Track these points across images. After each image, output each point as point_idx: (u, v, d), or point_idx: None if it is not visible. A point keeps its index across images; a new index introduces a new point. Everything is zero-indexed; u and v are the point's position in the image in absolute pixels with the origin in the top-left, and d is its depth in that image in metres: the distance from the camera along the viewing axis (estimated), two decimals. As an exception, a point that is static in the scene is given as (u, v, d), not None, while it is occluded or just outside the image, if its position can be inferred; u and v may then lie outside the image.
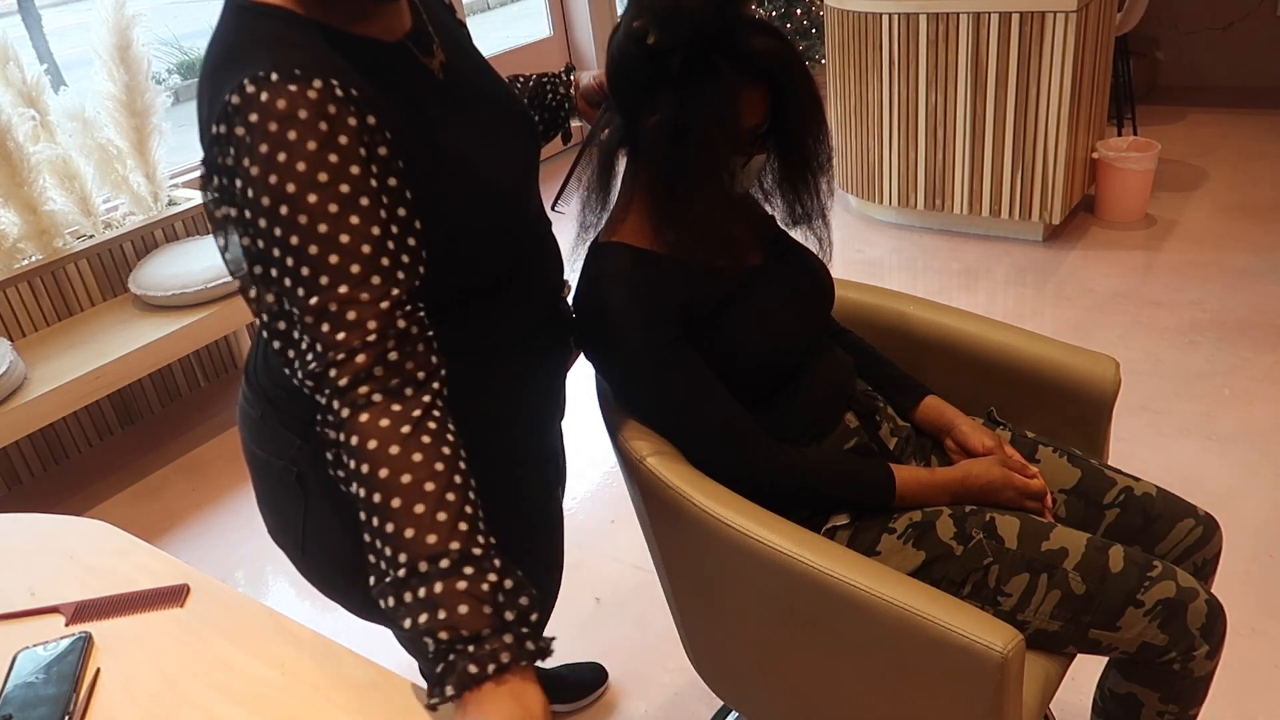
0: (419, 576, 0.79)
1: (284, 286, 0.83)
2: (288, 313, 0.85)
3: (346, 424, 0.81)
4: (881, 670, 1.11)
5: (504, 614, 0.79)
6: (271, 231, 0.82)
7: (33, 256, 2.80)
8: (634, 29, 1.09)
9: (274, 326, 0.88)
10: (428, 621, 0.77)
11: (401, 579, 0.79)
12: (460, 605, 0.78)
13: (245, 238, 0.86)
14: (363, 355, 0.82)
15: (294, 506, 1.11)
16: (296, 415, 1.03)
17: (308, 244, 0.81)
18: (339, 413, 0.82)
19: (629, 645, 1.98)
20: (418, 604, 0.78)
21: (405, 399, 0.83)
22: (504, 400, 1.15)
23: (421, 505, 0.80)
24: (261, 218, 0.82)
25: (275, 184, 0.81)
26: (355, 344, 0.82)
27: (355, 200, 0.83)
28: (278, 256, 0.83)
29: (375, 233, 0.83)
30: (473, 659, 0.77)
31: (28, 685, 0.95)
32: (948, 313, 1.52)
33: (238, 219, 0.85)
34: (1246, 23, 4.67)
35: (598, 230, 1.27)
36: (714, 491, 1.16)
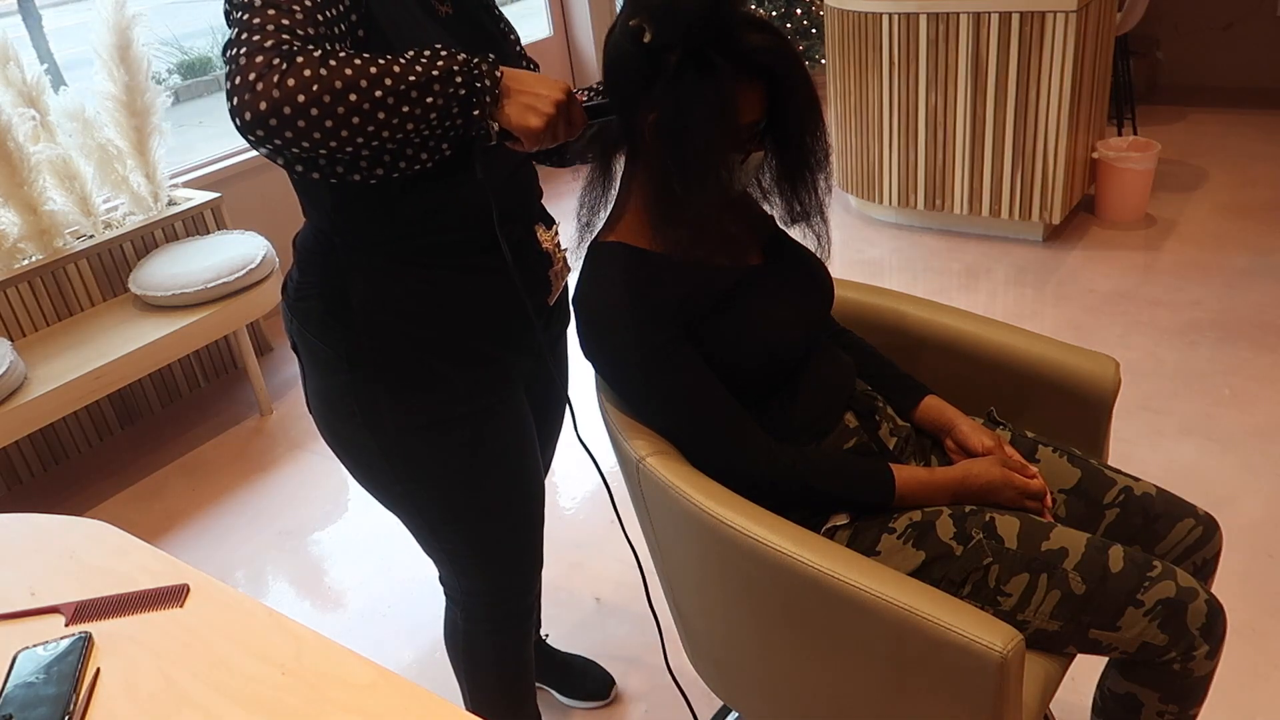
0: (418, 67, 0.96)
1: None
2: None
3: (291, 57, 0.92)
4: (881, 670, 1.11)
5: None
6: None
7: (33, 256, 2.81)
8: (630, 27, 1.09)
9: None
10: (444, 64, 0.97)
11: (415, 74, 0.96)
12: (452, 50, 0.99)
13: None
14: (285, 35, 0.94)
15: (343, 381, 1.22)
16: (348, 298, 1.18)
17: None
18: (272, 59, 0.92)
19: (629, 645, 1.98)
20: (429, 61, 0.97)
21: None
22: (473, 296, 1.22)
23: (386, 61, 0.95)
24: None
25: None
26: (282, 27, 0.95)
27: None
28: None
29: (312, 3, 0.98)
30: (485, 71, 1.00)
31: (28, 685, 0.95)
32: (947, 313, 1.52)
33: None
34: (1246, 23, 4.67)
35: (596, 230, 1.27)
36: (714, 491, 1.16)
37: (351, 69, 0.93)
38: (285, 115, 0.91)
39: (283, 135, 0.92)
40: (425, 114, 0.97)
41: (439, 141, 1.07)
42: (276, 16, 0.94)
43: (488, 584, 1.39)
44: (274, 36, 0.92)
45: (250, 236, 3.04)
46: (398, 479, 1.28)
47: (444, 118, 0.99)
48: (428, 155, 1.09)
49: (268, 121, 0.91)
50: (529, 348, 1.31)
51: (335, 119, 0.92)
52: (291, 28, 0.94)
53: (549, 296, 1.32)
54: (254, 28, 0.93)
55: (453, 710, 0.89)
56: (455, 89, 0.98)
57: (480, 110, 1.01)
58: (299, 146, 0.94)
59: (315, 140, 0.93)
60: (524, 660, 1.51)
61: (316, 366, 1.24)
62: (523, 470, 1.34)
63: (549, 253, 1.30)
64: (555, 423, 1.54)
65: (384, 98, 0.94)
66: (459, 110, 1.00)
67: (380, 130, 0.95)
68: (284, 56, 0.91)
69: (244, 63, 0.91)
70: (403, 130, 0.97)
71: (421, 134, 0.99)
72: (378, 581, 2.27)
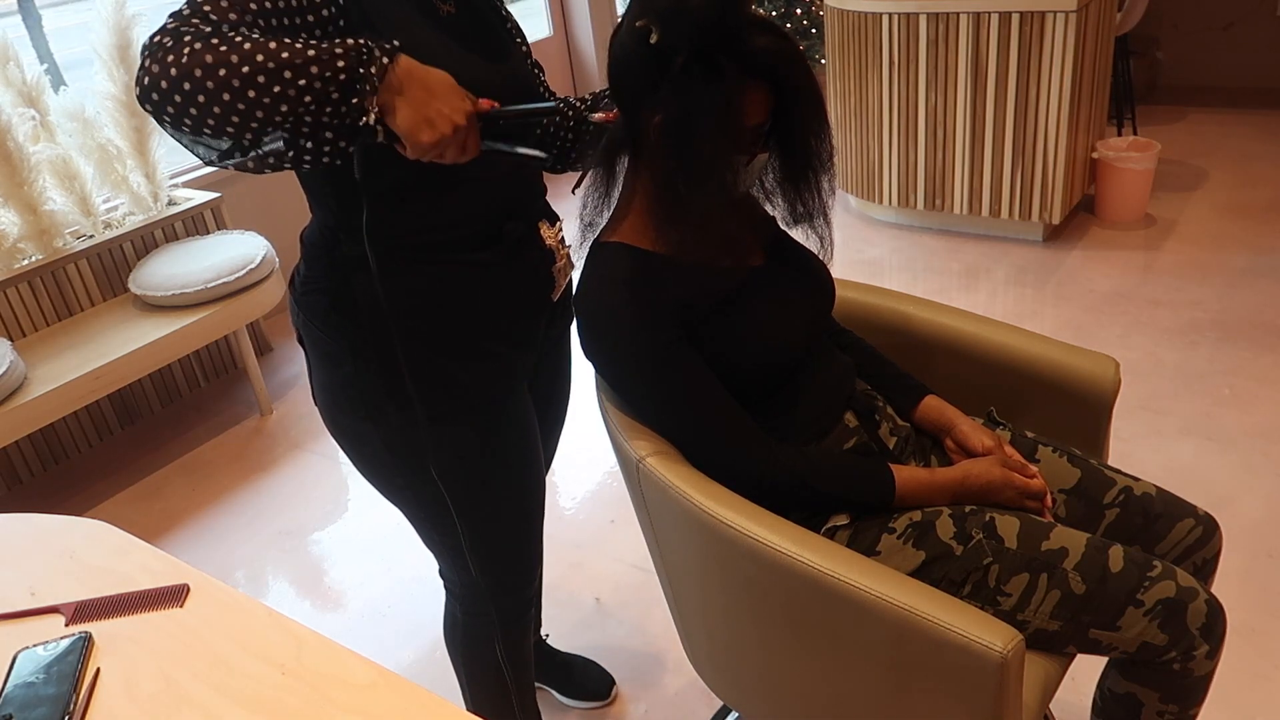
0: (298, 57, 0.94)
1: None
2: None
3: (195, 33, 0.93)
4: (881, 670, 1.11)
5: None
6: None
7: (33, 256, 2.80)
8: (637, 28, 1.09)
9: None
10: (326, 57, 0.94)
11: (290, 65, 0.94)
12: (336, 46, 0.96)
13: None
14: (195, 19, 0.95)
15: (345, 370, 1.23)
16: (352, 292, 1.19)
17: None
18: (179, 31, 0.93)
19: (629, 645, 1.98)
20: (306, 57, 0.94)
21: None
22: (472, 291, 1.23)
23: (275, 41, 0.94)
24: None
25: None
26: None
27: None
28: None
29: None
30: (372, 59, 0.96)
31: (28, 685, 0.95)
32: (948, 313, 1.52)
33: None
34: (1246, 23, 4.67)
35: (599, 230, 1.27)
36: (714, 491, 1.16)
37: (228, 45, 0.92)
38: (163, 90, 0.93)
39: (166, 111, 0.94)
40: (300, 95, 0.94)
41: (322, 129, 1.00)
42: (201, 5, 0.97)
43: (488, 578, 1.40)
44: (184, 21, 0.95)
45: (250, 236, 3.04)
46: (400, 472, 1.28)
47: (321, 101, 0.95)
48: (315, 145, 1.02)
49: (150, 96, 0.93)
50: (531, 344, 1.32)
51: (207, 94, 0.92)
52: (209, 14, 0.96)
53: (552, 293, 1.32)
54: (176, 15, 0.96)
55: (453, 710, 0.89)
56: (335, 72, 0.94)
57: (358, 98, 0.96)
58: (186, 121, 0.94)
59: (194, 115, 0.94)
60: (523, 656, 1.51)
61: (321, 359, 1.25)
62: (524, 466, 1.34)
63: (552, 249, 1.30)
64: (557, 419, 1.55)
65: (253, 74, 0.92)
66: (338, 95, 0.96)
67: (253, 109, 0.93)
68: (174, 35, 0.94)
69: (147, 40, 0.95)
70: (277, 111, 0.94)
71: (300, 117, 0.96)
72: (378, 581, 2.27)
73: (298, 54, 0.93)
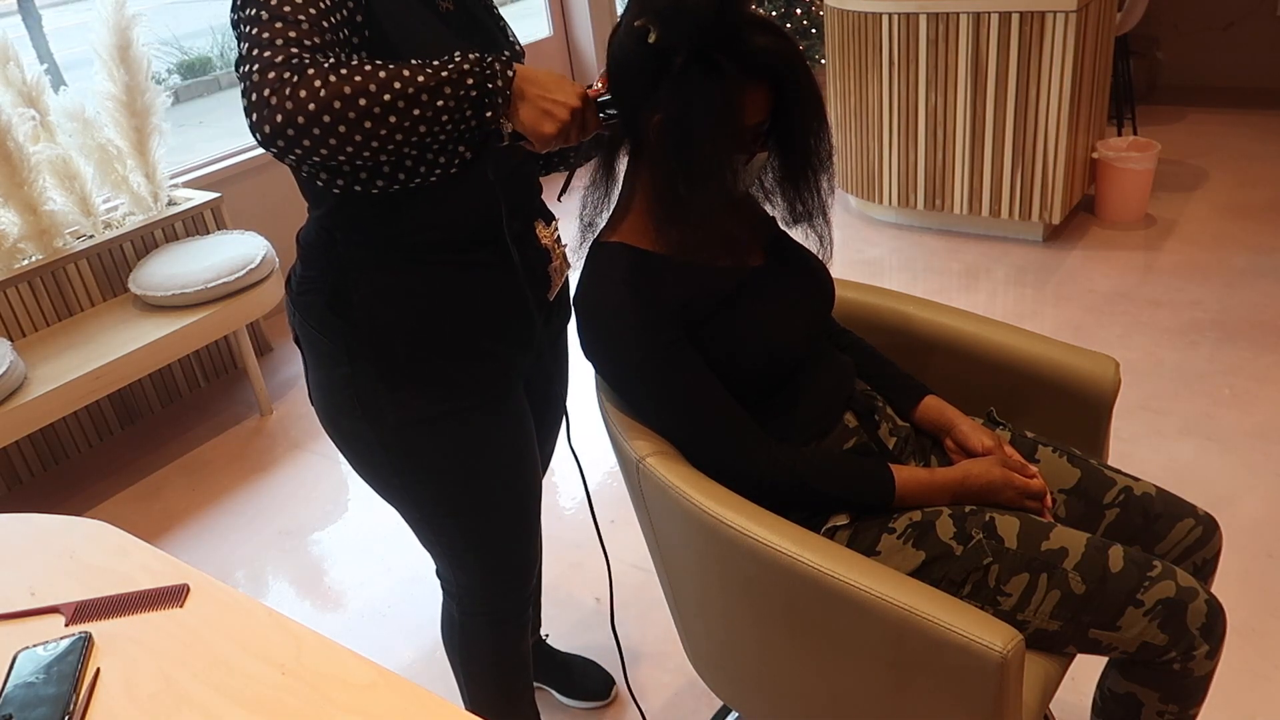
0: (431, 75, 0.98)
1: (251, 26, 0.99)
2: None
3: (304, 70, 0.95)
4: (881, 670, 1.11)
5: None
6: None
7: (33, 256, 2.81)
8: (636, 28, 1.09)
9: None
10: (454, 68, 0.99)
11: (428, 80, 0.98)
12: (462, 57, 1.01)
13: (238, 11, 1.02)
14: (294, 48, 0.97)
15: (342, 373, 1.24)
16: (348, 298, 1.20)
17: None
18: (290, 77, 0.94)
19: (629, 645, 1.98)
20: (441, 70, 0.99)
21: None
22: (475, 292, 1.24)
23: (396, 65, 0.98)
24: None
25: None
26: (291, 40, 0.98)
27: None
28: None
29: (317, 11, 1.00)
30: (499, 71, 1.01)
31: (28, 685, 0.95)
32: (948, 313, 1.52)
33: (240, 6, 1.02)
34: (1246, 23, 4.67)
35: (599, 230, 1.27)
36: (714, 491, 1.16)
37: (361, 75, 0.95)
38: (300, 125, 0.93)
39: (301, 145, 0.95)
40: (437, 116, 0.98)
41: (455, 143, 1.08)
42: (284, 30, 0.97)
43: (484, 578, 1.40)
44: (283, 51, 0.95)
45: (250, 236, 3.04)
46: (396, 471, 1.28)
47: (456, 119, 1.00)
48: (446, 159, 1.11)
49: (285, 133, 0.94)
50: (528, 344, 1.32)
51: (348, 124, 0.94)
52: (299, 39, 0.97)
53: (548, 292, 1.33)
54: (263, 43, 0.96)
55: (453, 710, 0.89)
56: (466, 90, 0.99)
57: (493, 111, 1.01)
58: (318, 155, 0.96)
59: (332, 147, 0.95)
60: (520, 656, 1.51)
61: (318, 359, 1.26)
62: (520, 466, 1.34)
63: (548, 248, 1.31)
64: (555, 420, 1.55)
65: (394, 100, 0.95)
66: (471, 112, 1.00)
67: (394, 134, 0.97)
68: (294, 69, 0.94)
69: (257, 79, 0.94)
70: (415, 133, 0.98)
71: (436, 136, 1.00)
72: (378, 581, 2.27)
73: (430, 76, 0.97)
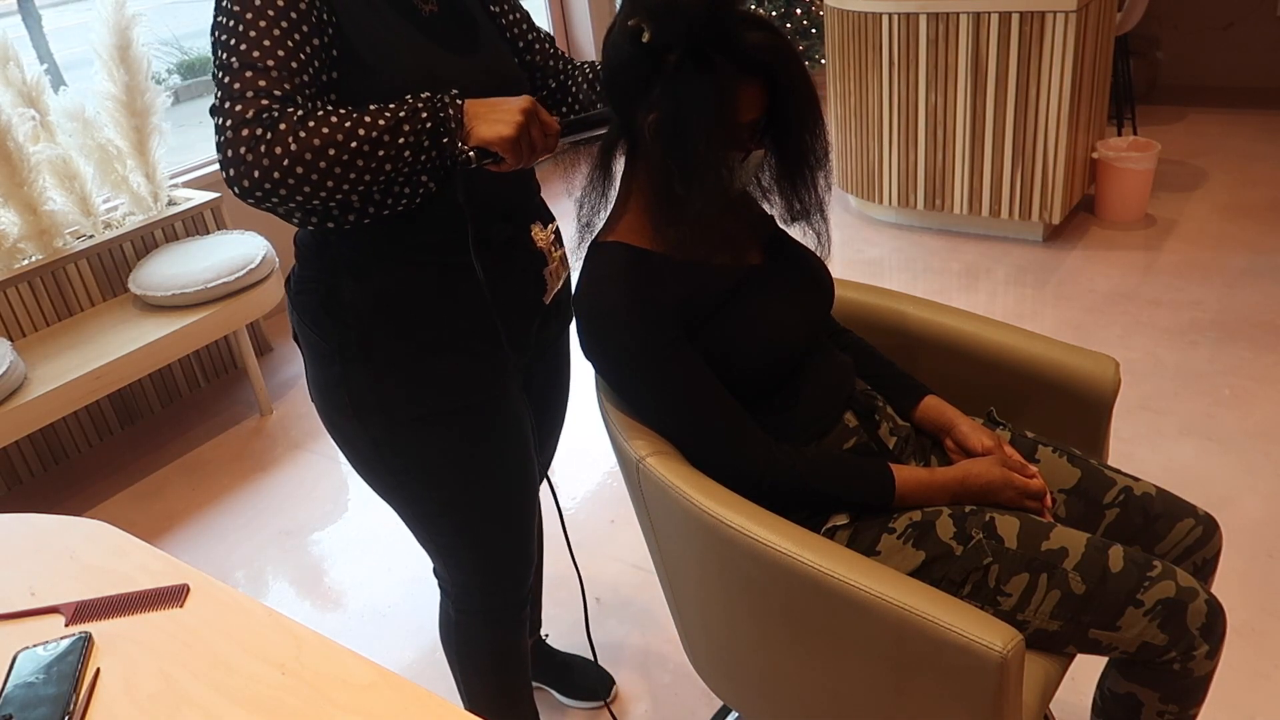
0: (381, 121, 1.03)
1: (222, 60, 1.04)
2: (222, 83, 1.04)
3: (278, 125, 0.99)
4: (881, 670, 1.11)
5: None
6: (224, 27, 1.05)
7: (33, 256, 2.81)
8: (629, 27, 1.09)
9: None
10: (406, 115, 1.03)
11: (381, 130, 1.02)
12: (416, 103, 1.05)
13: (213, 37, 1.07)
14: (264, 99, 1.01)
15: (337, 374, 1.25)
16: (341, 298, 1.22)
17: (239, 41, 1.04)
18: (258, 131, 0.99)
19: (629, 645, 1.98)
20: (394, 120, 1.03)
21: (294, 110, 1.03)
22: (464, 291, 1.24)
23: (359, 113, 1.02)
24: (220, 16, 1.06)
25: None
26: (260, 91, 1.02)
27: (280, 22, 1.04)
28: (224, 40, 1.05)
29: (286, 52, 1.04)
30: (444, 104, 1.05)
31: (28, 685, 0.95)
32: (947, 313, 1.52)
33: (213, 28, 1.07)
34: (1246, 23, 4.67)
35: (596, 230, 1.27)
36: (714, 491, 1.16)
37: (328, 126, 1.00)
38: (275, 179, 0.99)
39: (277, 194, 1.00)
40: (400, 152, 1.03)
41: (418, 174, 1.13)
42: (254, 79, 1.01)
43: (481, 577, 1.40)
44: (254, 104, 1.00)
45: (250, 236, 3.04)
46: (391, 470, 1.29)
47: (417, 151, 1.04)
48: (411, 190, 1.15)
49: (263, 187, 0.99)
50: (523, 345, 1.32)
51: (320, 173, 0.99)
52: (268, 89, 1.01)
53: (545, 295, 1.32)
54: (235, 95, 1.01)
55: (453, 710, 0.89)
56: (422, 123, 1.04)
57: (448, 136, 1.05)
58: (294, 202, 1.02)
59: (306, 194, 1.01)
60: (518, 655, 1.51)
61: (314, 358, 1.27)
62: (516, 466, 1.34)
63: (544, 251, 1.31)
64: (556, 421, 1.55)
65: (359, 146, 1.01)
66: (429, 142, 1.05)
67: (363, 175, 1.02)
68: (265, 125, 0.99)
69: (230, 136, 0.99)
70: (383, 172, 1.03)
71: (401, 171, 1.05)
72: (378, 581, 2.27)
73: (389, 119, 1.02)
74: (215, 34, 1.05)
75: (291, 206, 1.04)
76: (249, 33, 1.03)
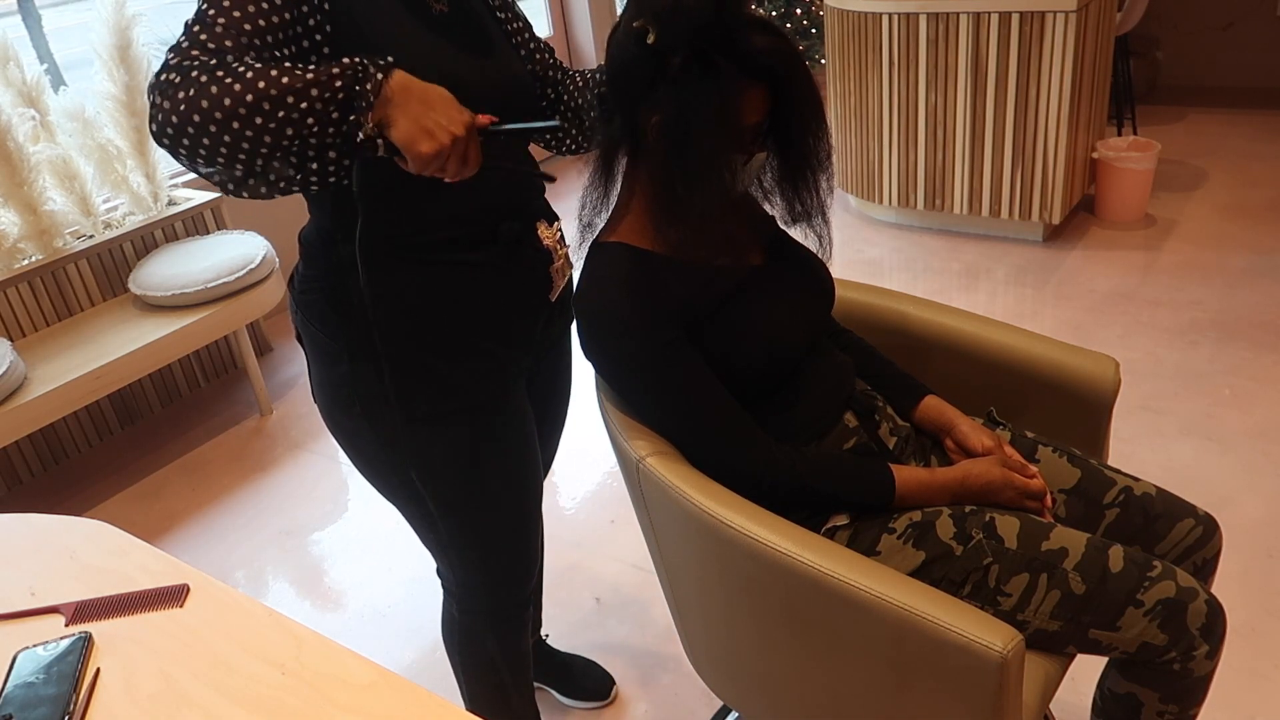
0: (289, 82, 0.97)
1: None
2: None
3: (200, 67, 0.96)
4: (881, 670, 1.11)
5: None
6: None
7: (33, 256, 2.80)
8: (634, 28, 1.09)
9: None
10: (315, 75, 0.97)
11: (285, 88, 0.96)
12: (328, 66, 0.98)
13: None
14: (195, 50, 0.99)
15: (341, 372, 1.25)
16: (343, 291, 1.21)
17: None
18: (183, 67, 0.96)
19: (629, 645, 1.98)
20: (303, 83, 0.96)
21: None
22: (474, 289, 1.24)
23: (269, 68, 0.97)
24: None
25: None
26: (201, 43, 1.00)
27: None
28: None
29: (244, 14, 1.02)
30: (367, 76, 0.97)
31: (28, 685, 0.95)
32: (947, 313, 1.52)
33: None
34: (1246, 23, 4.67)
35: (598, 230, 1.27)
36: (714, 491, 1.16)
37: (233, 76, 0.95)
38: (175, 124, 0.95)
39: (182, 145, 0.96)
40: (303, 118, 0.96)
41: (326, 149, 1.01)
42: (198, 33, 1.00)
43: (484, 577, 1.40)
44: (185, 54, 0.98)
45: (250, 236, 3.04)
46: (395, 470, 1.29)
47: (324, 122, 0.97)
48: (319, 165, 1.03)
49: (165, 132, 0.96)
50: (529, 343, 1.32)
51: (217, 124, 0.95)
52: (204, 42, 0.99)
53: (550, 293, 1.33)
54: (176, 48, 0.99)
55: (453, 710, 0.89)
56: (334, 93, 0.96)
57: (356, 114, 0.97)
58: (200, 154, 0.97)
59: (207, 147, 0.96)
60: (520, 655, 1.51)
61: (319, 357, 1.26)
62: (521, 465, 1.34)
63: (550, 249, 1.31)
64: (557, 420, 1.55)
65: (258, 101, 0.94)
66: (338, 114, 0.97)
67: (262, 135, 0.96)
68: (179, 70, 0.96)
69: (152, 81, 0.98)
70: (284, 135, 0.96)
71: (306, 140, 0.97)
72: (378, 581, 2.27)
73: (297, 79, 0.95)
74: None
75: (199, 161, 0.98)
76: (222, 2, 1.01)
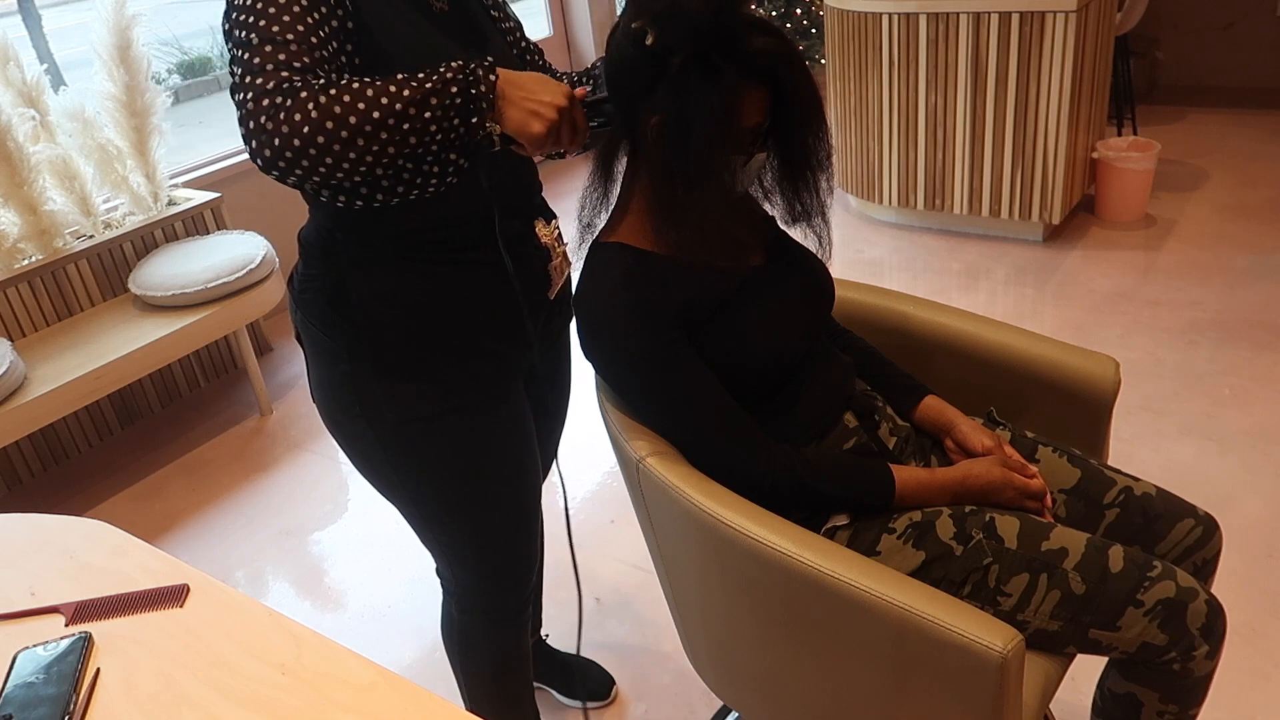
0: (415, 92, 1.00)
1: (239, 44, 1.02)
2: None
3: (297, 94, 0.97)
4: (881, 670, 1.11)
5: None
6: (242, 8, 1.03)
7: (33, 256, 2.80)
8: (633, 30, 1.09)
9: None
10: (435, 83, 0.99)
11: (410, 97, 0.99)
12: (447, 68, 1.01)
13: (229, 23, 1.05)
14: (284, 71, 0.99)
15: (341, 372, 1.25)
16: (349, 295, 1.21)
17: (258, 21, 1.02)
18: (281, 101, 0.97)
19: (629, 645, 1.98)
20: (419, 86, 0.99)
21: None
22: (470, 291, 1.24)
23: (383, 81, 0.99)
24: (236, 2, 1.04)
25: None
26: (280, 65, 1.00)
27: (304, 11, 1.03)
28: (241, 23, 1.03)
29: (305, 28, 1.03)
30: (481, 76, 1.01)
31: (28, 685, 0.95)
32: (948, 313, 1.52)
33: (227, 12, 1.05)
34: (1246, 23, 4.67)
35: (597, 230, 1.27)
36: (714, 491, 1.16)
37: (350, 94, 0.97)
38: (296, 148, 0.96)
39: (300, 166, 0.97)
40: (425, 127, 1.00)
41: (446, 151, 1.09)
42: (273, 53, 0.99)
43: (484, 577, 1.40)
44: (274, 76, 0.98)
45: (250, 236, 3.04)
46: (395, 469, 1.29)
47: (445, 128, 1.01)
48: (440, 169, 1.12)
49: (285, 155, 0.96)
50: (527, 343, 1.32)
51: (342, 143, 0.96)
52: (288, 61, 0.99)
53: (549, 291, 1.33)
54: (254, 69, 0.98)
55: (453, 710, 0.89)
56: (451, 98, 1.00)
57: (478, 116, 1.02)
58: (317, 174, 0.99)
59: (329, 165, 0.97)
60: (520, 655, 1.51)
61: (319, 357, 1.26)
62: (520, 465, 1.34)
63: (548, 247, 1.31)
64: (557, 419, 1.55)
65: (384, 117, 0.97)
66: (459, 119, 1.01)
67: (386, 147, 0.99)
68: (285, 94, 0.96)
69: (251, 108, 0.97)
70: (407, 145, 1.00)
71: (428, 147, 1.02)
72: (378, 581, 2.27)
73: (415, 89, 0.99)
74: (232, 18, 1.03)
75: (316, 180, 1.01)
76: (268, 9, 1.01)
